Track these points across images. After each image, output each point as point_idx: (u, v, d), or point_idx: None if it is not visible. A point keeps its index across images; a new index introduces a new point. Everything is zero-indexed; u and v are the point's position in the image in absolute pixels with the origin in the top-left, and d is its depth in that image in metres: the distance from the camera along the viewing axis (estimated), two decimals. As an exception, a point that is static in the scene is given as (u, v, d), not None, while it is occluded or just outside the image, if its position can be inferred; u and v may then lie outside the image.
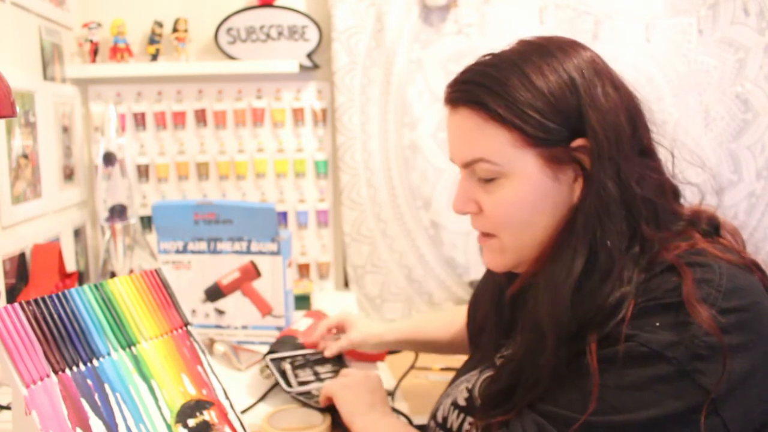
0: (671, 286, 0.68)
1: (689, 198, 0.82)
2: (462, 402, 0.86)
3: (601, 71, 0.76)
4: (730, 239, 0.78)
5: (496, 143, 0.75)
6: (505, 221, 0.78)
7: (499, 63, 0.77)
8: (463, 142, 0.79)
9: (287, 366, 1.17)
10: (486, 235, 0.82)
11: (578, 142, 0.74)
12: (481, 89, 0.75)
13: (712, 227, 0.78)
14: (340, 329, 1.26)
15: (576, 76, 0.74)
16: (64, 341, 0.71)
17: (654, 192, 0.74)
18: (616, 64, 0.80)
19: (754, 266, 0.73)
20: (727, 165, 1.88)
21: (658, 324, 0.66)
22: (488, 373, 0.85)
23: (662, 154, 0.79)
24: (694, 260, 0.70)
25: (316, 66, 1.89)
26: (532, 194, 0.75)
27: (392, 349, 1.30)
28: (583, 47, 0.79)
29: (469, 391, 0.86)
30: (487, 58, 0.79)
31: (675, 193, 0.79)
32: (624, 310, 0.68)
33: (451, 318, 1.21)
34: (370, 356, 1.32)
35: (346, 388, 1.02)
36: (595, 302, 0.70)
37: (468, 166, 0.79)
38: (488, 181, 0.77)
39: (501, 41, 0.80)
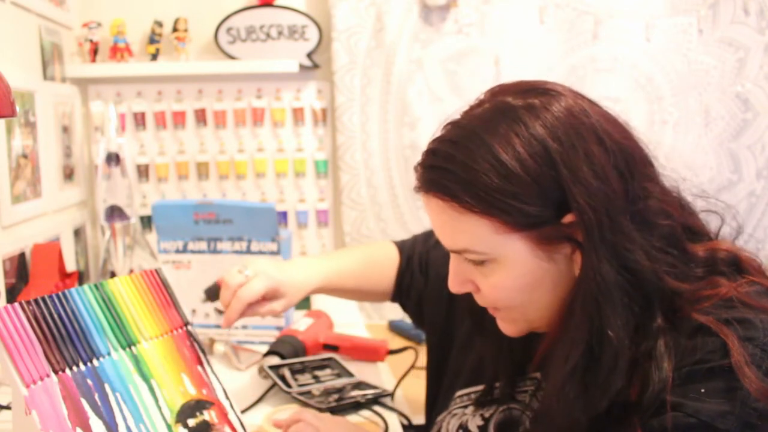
0: (713, 348, 0.62)
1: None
2: (474, 430, 0.83)
3: (579, 126, 0.66)
4: (756, 273, 0.71)
5: (477, 233, 0.68)
6: (504, 303, 0.73)
7: (463, 139, 0.68)
8: (444, 231, 0.73)
9: (286, 371, 1.17)
10: (493, 308, 0.77)
11: (568, 219, 0.66)
12: (448, 177, 0.68)
13: (732, 264, 0.70)
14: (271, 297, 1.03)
15: (550, 144, 0.64)
16: (64, 341, 0.71)
17: (667, 243, 0.68)
18: (616, 64, 0.76)
19: None
20: (727, 165, 1.88)
21: (703, 391, 0.61)
22: (507, 405, 0.82)
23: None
24: (730, 316, 0.63)
25: (316, 66, 1.89)
26: (527, 278, 0.69)
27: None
28: (558, 91, 0.69)
29: (485, 420, 0.82)
30: (450, 129, 0.71)
31: (691, 231, 0.72)
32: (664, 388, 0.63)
33: (381, 266, 1.11)
34: (369, 356, 1.32)
35: None
36: (607, 395, 0.65)
37: (455, 253, 0.74)
38: (480, 263, 0.71)
39: (501, 41, 0.76)
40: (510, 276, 0.69)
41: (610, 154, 0.66)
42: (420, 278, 1.09)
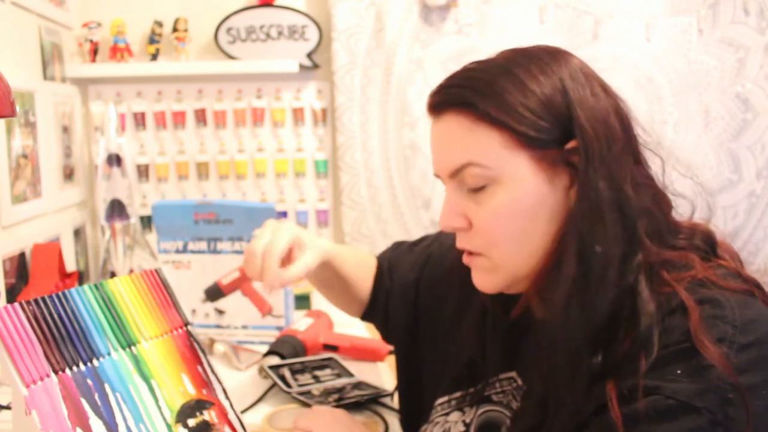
0: (686, 328, 0.63)
1: (680, 210, 0.78)
2: None
3: (589, 75, 0.74)
4: (728, 258, 0.73)
5: (487, 146, 0.70)
6: (498, 234, 0.72)
7: (486, 68, 0.73)
8: (450, 148, 0.73)
9: (286, 371, 1.17)
10: (473, 254, 0.75)
11: (571, 144, 0.70)
12: (468, 91, 0.72)
13: (708, 245, 0.74)
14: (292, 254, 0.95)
15: (566, 78, 0.71)
16: (64, 341, 0.71)
17: (649, 201, 0.71)
18: (616, 64, 0.77)
19: (755, 288, 0.69)
20: (727, 165, 1.88)
21: (679, 372, 0.62)
22: (486, 408, 0.82)
23: (652, 161, 0.76)
24: (701, 295, 0.65)
25: (316, 66, 1.89)
26: (527, 200, 0.70)
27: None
28: (571, 54, 0.76)
29: (467, 426, 0.82)
30: (473, 64, 0.75)
31: (669, 205, 0.75)
32: (653, 344, 0.64)
33: (366, 270, 1.07)
34: (369, 356, 1.32)
35: None
36: (599, 314, 0.66)
37: (455, 174, 0.73)
38: (478, 190, 0.72)
39: (501, 41, 0.78)
40: (510, 197, 0.70)
41: (613, 102, 0.73)
42: (387, 282, 1.05)
